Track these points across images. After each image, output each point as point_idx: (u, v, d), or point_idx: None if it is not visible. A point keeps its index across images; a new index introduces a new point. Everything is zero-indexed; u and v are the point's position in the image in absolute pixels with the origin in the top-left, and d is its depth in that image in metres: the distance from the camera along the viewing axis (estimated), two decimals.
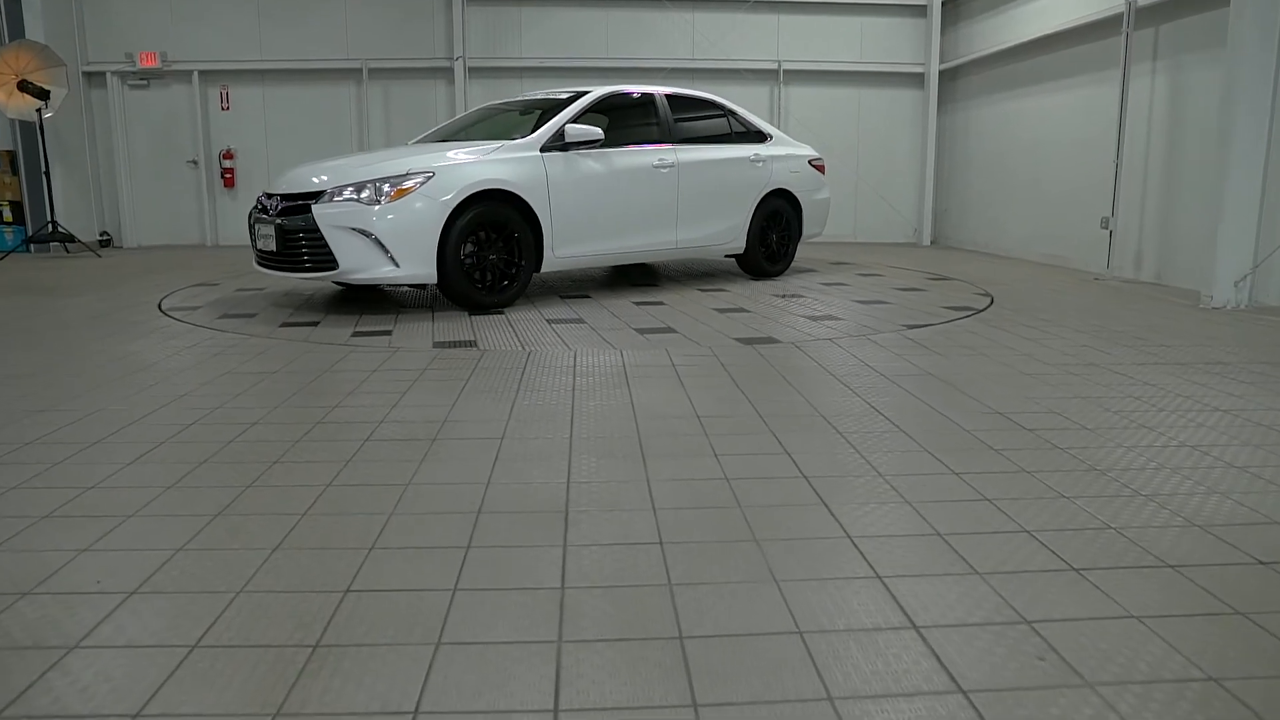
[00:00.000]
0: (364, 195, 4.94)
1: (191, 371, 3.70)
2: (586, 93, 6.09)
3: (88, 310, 5.43)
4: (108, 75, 10.23)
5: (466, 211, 5.09)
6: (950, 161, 10.70)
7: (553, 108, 6.10)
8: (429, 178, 5.01)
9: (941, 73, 10.60)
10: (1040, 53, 8.56)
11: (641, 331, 4.66)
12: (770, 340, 4.40)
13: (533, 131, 5.67)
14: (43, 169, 9.18)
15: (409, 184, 4.96)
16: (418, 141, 6.35)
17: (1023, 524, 2.09)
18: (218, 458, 2.56)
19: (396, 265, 4.94)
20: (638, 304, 5.68)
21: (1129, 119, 7.04)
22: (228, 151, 10.53)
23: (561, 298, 5.95)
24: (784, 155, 7.19)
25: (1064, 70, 8.19)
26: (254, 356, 4.01)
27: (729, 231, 6.85)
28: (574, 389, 3.38)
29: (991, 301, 5.72)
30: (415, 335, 4.58)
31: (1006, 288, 6.50)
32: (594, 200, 5.79)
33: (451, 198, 5.03)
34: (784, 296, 5.97)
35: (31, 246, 9.53)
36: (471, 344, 4.31)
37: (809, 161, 7.41)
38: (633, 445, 2.68)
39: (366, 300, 5.77)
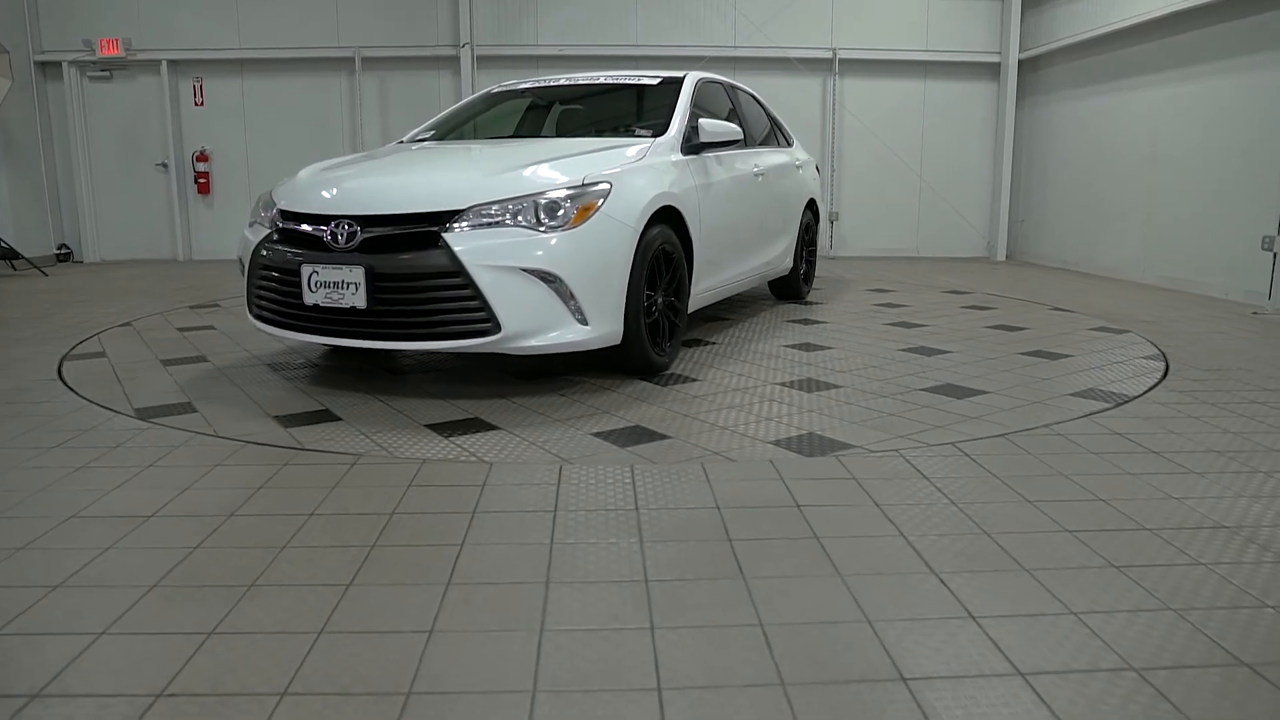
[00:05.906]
0: (527, 218, 3.26)
1: (34, 518, 2.36)
2: (680, 78, 4.71)
3: None
4: (64, 65, 8.92)
5: (643, 239, 3.57)
6: (1029, 164, 9.29)
7: (600, 92, 4.97)
8: (607, 191, 3.44)
9: (1020, 62, 9.20)
10: (1153, 36, 7.15)
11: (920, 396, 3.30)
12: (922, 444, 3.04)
13: (655, 129, 4.24)
14: None
15: (590, 200, 3.37)
16: (415, 137, 4.95)
17: None
18: None
19: (585, 323, 3.30)
20: (797, 347, 4.31)
21: None
22: (202, 153, 9.20)
23: (683, 344, 4.56)
24: (808, 160, 6.18)
25: (1190, 56, 6.78)
26: (154, 477, 2.66)
27: (787, 250, 5.71)
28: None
29: (1166, 360, 4.33)
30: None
31: (1155, 328, 5.11)
32: (725, 219, 4.44)
33: (638, 220, 3.50)
34: (900, 325, 4.59)
35: None
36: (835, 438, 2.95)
37: (816, 168, 6.46)
38: None
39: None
